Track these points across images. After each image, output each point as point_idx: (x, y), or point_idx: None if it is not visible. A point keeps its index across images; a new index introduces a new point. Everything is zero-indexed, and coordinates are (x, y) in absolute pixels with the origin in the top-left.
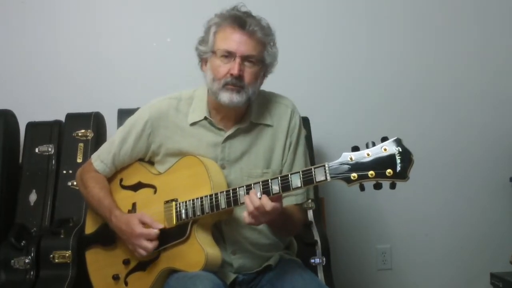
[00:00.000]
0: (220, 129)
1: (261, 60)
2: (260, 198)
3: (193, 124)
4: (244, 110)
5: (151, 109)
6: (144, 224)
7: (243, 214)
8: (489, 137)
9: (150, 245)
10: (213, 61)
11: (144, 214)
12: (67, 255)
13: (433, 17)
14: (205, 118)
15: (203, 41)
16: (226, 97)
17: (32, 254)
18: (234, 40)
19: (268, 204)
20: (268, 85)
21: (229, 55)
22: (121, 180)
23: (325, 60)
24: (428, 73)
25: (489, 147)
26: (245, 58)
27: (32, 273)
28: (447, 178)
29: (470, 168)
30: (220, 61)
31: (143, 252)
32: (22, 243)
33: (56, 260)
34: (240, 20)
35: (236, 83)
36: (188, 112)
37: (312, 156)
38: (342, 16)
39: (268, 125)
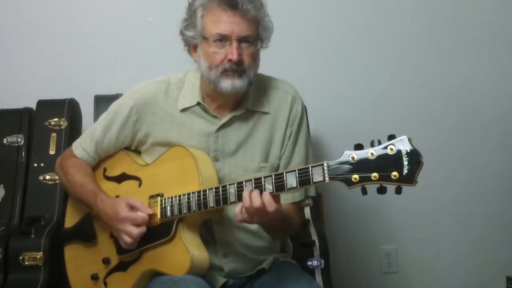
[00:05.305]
0: (214, 117)
1: (257, 38)
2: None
3: (183, 110)
4: (241, 96)
5: (137, 93)
6: (132, 209)
7: (235, 210)
8: (504, 128)
9: (136, 231)
10: (205, 47)
11: (132, 197)
12: (38, 257)
13: (442, 2)
14: (198, 103)
15: (188, 25)
16: (227, 84)
17: (0, 256)
18: (227, 22)
19: (271, 205)
20: (261, 68)
21: (223, 39)
22: (104, 170)
23: (326, 41)
24: (437, 58)
25: (503, 139)
26: (241, 40)
27: None
28: (459, 173)
29: (483, 162)
30: (214, 47)
31: (127, 239)
32: None
33: (26, 263)
34: None
35: (237, 68)
36: (179, 97)
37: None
38: None
39: (266, 113)
